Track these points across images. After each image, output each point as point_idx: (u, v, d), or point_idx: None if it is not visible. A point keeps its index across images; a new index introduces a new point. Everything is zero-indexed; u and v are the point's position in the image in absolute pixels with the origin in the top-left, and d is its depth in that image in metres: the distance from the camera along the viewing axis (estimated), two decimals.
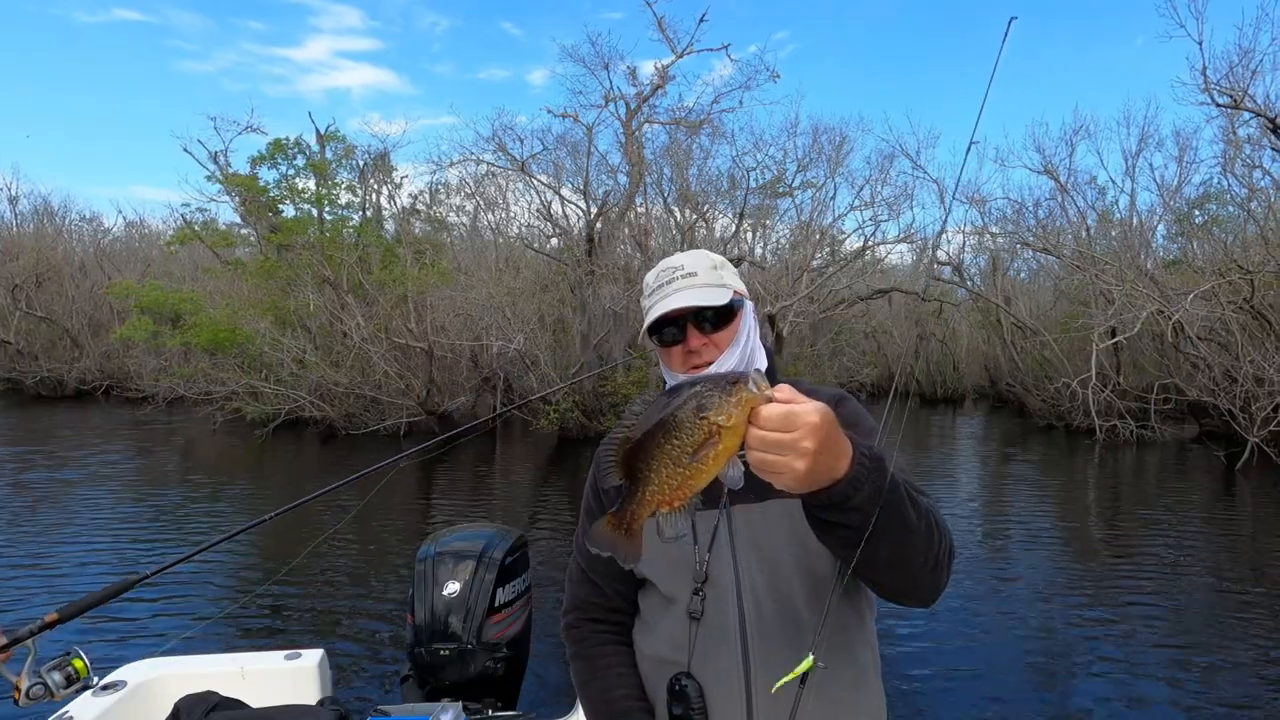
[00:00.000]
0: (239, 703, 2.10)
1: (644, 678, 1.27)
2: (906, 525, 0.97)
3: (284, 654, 2.39)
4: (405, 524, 7.90)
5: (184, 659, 2.39)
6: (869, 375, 21.71)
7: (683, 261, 1.28)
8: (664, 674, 1.20)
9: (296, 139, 17.87)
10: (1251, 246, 14.38)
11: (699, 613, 1.17)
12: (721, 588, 1.17)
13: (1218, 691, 4.10)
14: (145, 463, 11.86)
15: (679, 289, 1.24)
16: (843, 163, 17.41)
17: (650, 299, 1.29)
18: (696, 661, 1.16)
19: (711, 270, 1.27)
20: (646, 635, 1.27)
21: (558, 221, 17.06)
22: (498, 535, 2.66)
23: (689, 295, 1.23)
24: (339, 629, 4.81)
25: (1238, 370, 12.50)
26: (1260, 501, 9.36)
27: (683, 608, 1.18)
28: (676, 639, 1.19)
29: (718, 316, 1.24)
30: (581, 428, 14.41)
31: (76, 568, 6.13)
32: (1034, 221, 18.12)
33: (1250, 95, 12.97)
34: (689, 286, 1.24)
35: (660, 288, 1.27)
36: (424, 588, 2.52)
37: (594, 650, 1.30)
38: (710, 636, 1.16)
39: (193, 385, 16.01)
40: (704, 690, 1.15)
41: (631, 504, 0.91)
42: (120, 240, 31.03)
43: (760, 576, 1.18)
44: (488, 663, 2.50)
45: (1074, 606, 5.54)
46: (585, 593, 1.33)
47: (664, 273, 1.28)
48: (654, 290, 1.28)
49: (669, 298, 1.24)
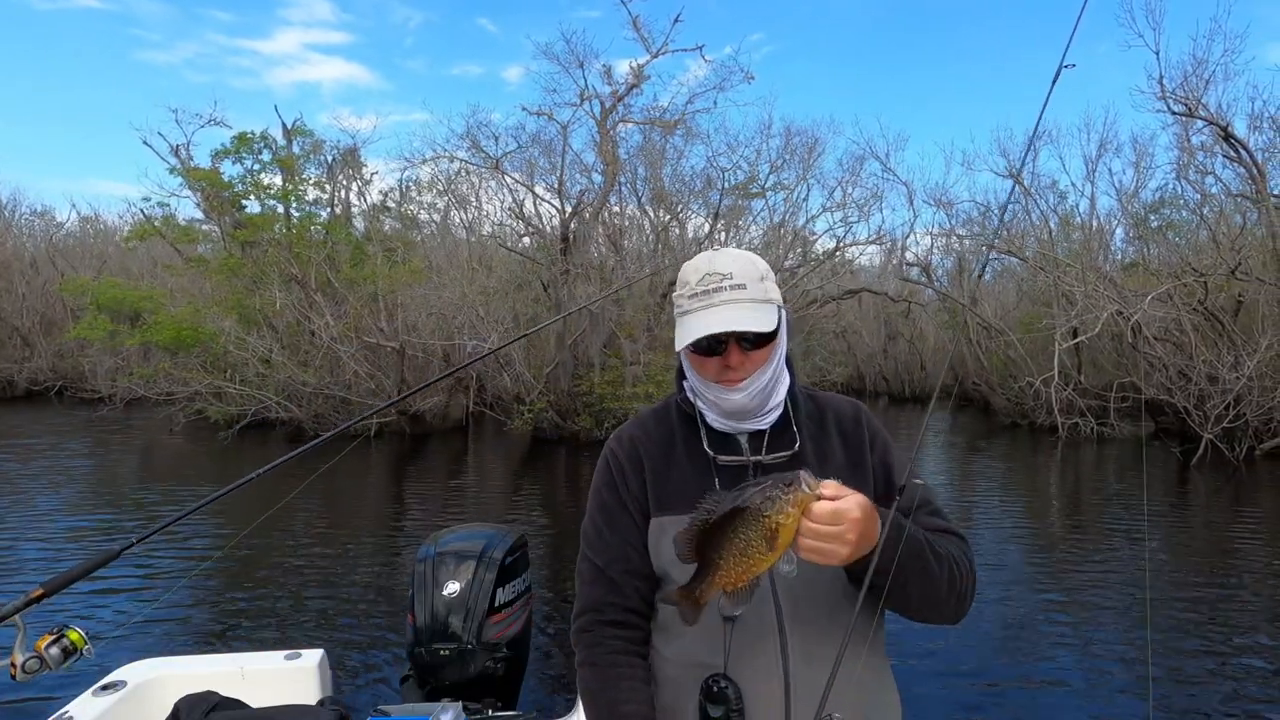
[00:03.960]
0: (239, 703, 2.07)
1: (667, 682, 1.23)
2: (928, 573, 1.12)
3: (284, 654, 2.37)
4: (386, 524, 7.82)
5: (184, 659, 2.36)
6: (839, 375, 22.04)
7: (731, 268, 1.19)
8: (696, 676, 1.17)
9: (262, 133, 17.49)
10: (1204, 250, 14.95)
11: (733, 614, 1.14)
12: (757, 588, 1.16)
13: (1175, 673, 4.26)
14: (102, 465, 11.51)
15: (727, 301, 1.16)
16: (815, 165, 17.66)
17: (691, 302, 1.19)
18: (733, 662, 1.15)
19: (759, 283, 1.19)
20: (672, 639, 1.23)
21: (530, 220, 16.99)
22: (498, 535, 2.66)
23: (738, 314, 1.15)
24: (339, 629, 4.77)
25: (1192, 369, 12.97)
26: (1213, 495, 9.74)
27: (715, 608, 1.15)
28: (711, 640, 1.16)
29: (759, 335, 1.18)
30: (555, 428, 14.37)
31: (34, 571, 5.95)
32: (999, 224, 18.60)
33: (1203, 104, 13.49)
34: (737, 300, 1.16)
35: (705, 294, 1.18)
36: (424, 588, 2.51)
37: (607, 658, 1.23)
38: (747, 636, 1.15)
39: (153, 386, 15.58)
40: (742, 691, 1.14)
41: (701, 583, 1.07)
42: (74, 236, 30.08)
43: (797, 576, 1.17)
44: (488, 663, 2.50)
45: (1036, 593, 5.72)
46: (600, 593, 1.26)
47: (710, 278, 1.18)
48: (696, 294, 1.19)
49: (714, 310, 1.16)
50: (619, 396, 13.26)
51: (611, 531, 1.27)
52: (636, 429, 1.33)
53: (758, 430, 1.25)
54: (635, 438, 1.31)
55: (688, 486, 1.21)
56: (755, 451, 1.23)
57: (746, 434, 1.25)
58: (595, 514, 1.30)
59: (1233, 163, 13.97)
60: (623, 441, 1.32)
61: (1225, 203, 15.36)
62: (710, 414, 1.26)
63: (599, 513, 1.29)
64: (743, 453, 1.24)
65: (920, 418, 20.87)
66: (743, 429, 1.25)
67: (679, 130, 16.17)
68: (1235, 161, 13.83)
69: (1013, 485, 10.94)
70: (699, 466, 1.23)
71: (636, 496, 1.26)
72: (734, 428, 1.25)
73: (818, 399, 1.34)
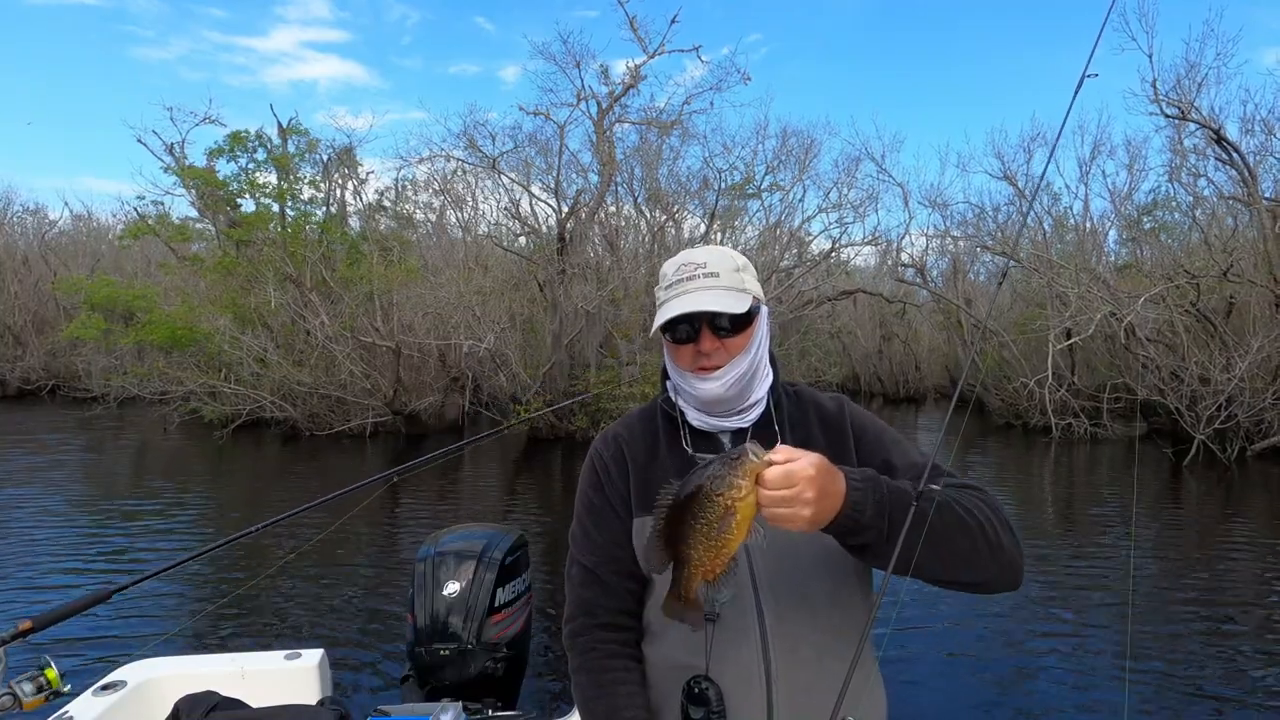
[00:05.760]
0: (239, 703, 2.07)
1: (652, 685, 1.22)
2: (931, 524, 1.01)
3: (284, 654, 2.37)
4: (385, 524, 7.80)
5: (184, 659, 2.36)
6: (835, 375, 22.08)
7: (706, 259, 1.22)
8: (678, 678, 1.17)
9: (257, 132, 17.43)
10: (1196, 252, 15.04)
11: (715, 614, 1.14)
12: (739, 587, 1.15)
13: (1164, 671, 4.30)
14: (97, 464, 11.46)
15: (699, 288, 1.18)
16: (810, 166, 17.71)
17: (667, 292, 1.22)
18: (715, 663, 1.14)
19: (734, 273, 1.21)
20: (655, 642, 1.23)
21: (526, 220, 16.98)
22: (498, 535, 2.67)
23: (709, 298, 1.17)
24: (339, 629, 4.77)
25: (1184, 371, 13.04)
26: (1205, 495, 9.80)
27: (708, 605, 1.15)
28: (691, 641, 1.15)
29: (734, 322, 1.19)
30: (551, 428, 14.37)
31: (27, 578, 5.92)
32: (994, 225, 18.68)
33: (1196, 107, 13.57)
34: (710, 288, 1.18)
35: (679, 282, 1.20)
36: (424, 588, 2.52)
37: (601, 663, 1.22)
38: (728, 637, 1.15)
39: (147, 385, 15.52)
40: (723, 692, 1.13)
41: (682, 580, 1.05)
42: (66, 234, 29.89)
43: (778, 575, 1.17)
44: (488, 663, 2.50)
45: (1026, 589, 5.76)
46: (591, 596, 1.24)
47: (685, 267, 1.21)
48: (672, 284, 1.21)
49: (687, 295, 1.18)
50: (615, 397, 13.27)
51: (599, 532, 1.26)
52: (621, 429, 1.32)
53: (740, 428, 1.24)
54: (620, 437, 1.30)
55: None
56: None
57: (729, 432, 1.25)
58: (583, 516, 1.28)
59: (1225, 165, 14.06)
60: (608, 442, 1.31)
61: (1217, 205, 15.47)
62: (690, 410, 1.25)
63: (586, 515, 1.28)
64: (723, 450, 1.21)
65: (914, 418, 20.93)
66: (724, 426, 1.24)
67: (675, 131, 16.20)
68: (1227, 164, 13.91)
69: (1006, 485, 10.98)
70: (680, 465, 1.22)
71: (622, 496, 1.25)
72: (715, 425, 1.24)
73: (801, 395, 1.33)
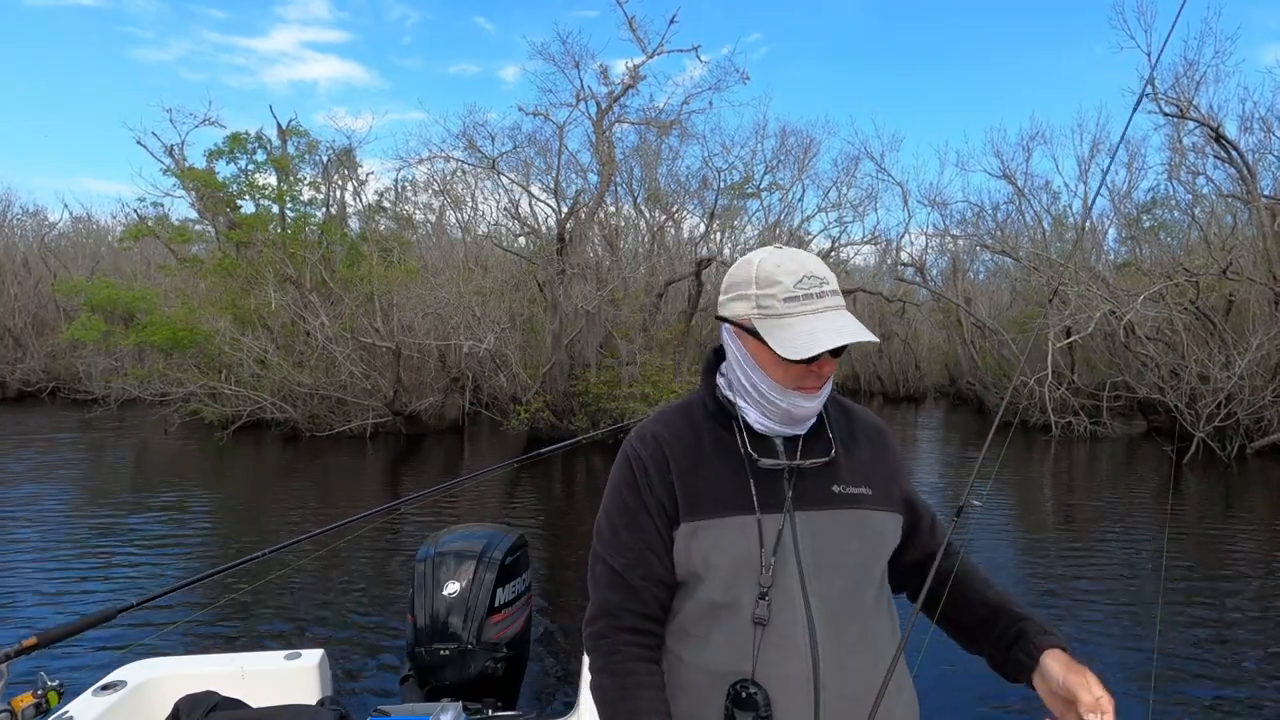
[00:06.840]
0: (239, 703, 2.07)
1: (689, 688, 1.18)
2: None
3: (284, 654, 2.37)
4: (385, 524, 7.80)
5: (184, 659, 2.36)
6: (835, 374, 22.04)
7: (824, 273, 1.15)
8: (719, 684, 1.14)
9: (257, 133, 17.44)
10: (1195, 250, 15.05)
11: (765, 618, 1.11)
12: (789, 593, 1.13)
13: (1165, 670, 4.32)
14: (98, 466, 11.47)
15: (830, 308, 1.13)
16: (810, 165, 17.72)
17: (789, 306, 1.12)
18: (761, 669, 1.11)
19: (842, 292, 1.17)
20: (696, 646, 1.18)
21: (526, 220, 16.98)
22: (498, 535, 2.67)
23: (854, 327, 1.12)
24: (339, 629, 4.77)
25: (1183, 369, 13.05)
26: (1205, 493, 9.81)
27: (746, 613, 1.13)
28: (738, 646, 1.13)
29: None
30: (551, 427, 14.37)
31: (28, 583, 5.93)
32: (993, 224, 18.68)
33: (1195, 105, 13.58)
34: (840, 308, 1.14)
35: (807, 298, 1.12)
36: (424, 588, 2.52)
37: (625, 666, 1.17)
38: (777, 642, 1.12)
39: (147, 386, 15.53)
40: (771, 697, 1.11)
41: None
42: (66, 235, 29.91)
43: (828, 581, 1.15)
44: (488, 663, 2.51)
45: (1030, 592, 5.77)
46: (617, 599, 1.19)
47: (809, 281, 1.13)
48: (796, 298, 1.12)
49: (822, 316, 1.12)
50: (615, 397, 13.28)
51: (631, 534, 1.21)
52: (659, 427, 1.25)
53: (794, 434, 1.22)
54: (659, 437, 1.23)
55: (720, 489, 1.17)
56: (791, 455, 1.20)
57: (783, 437, 1.22)
58: (614, 514, 1.22)
59: (1224, 163, 14.07)
60: (646, 440, 1.23)
61: (1216, 203, 15.49)
62: (755, 415, 1.21)
63: (619, 514, 1.21)
64: (779, 455, 1.20)
65: (914, 416, 20.93)
66: (780, 431, 1.21)
67: (675, 131, 16.21)
68: (1226, 162, 13.92)
69: (1007, 484, 10.98)
70: (732, 468, 1.19)
71: (661, 500, 1.19)
72: (776, 431, 1.21)
73: (840, 402, 1.33)
